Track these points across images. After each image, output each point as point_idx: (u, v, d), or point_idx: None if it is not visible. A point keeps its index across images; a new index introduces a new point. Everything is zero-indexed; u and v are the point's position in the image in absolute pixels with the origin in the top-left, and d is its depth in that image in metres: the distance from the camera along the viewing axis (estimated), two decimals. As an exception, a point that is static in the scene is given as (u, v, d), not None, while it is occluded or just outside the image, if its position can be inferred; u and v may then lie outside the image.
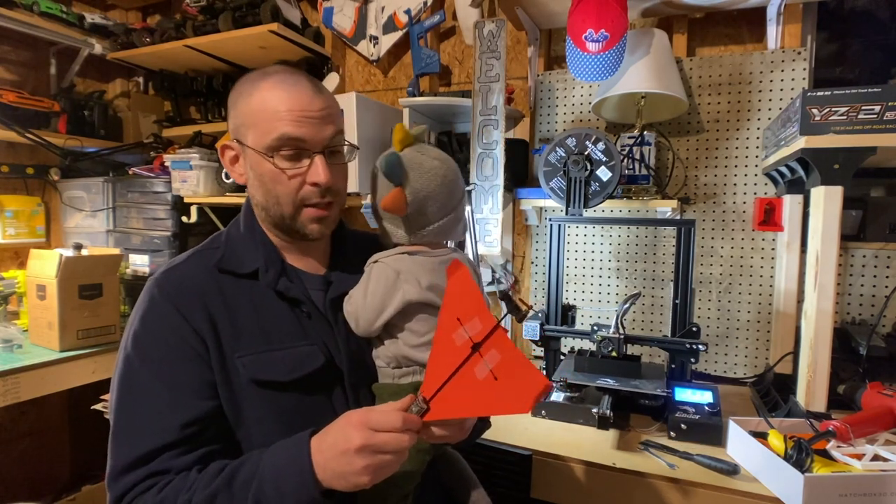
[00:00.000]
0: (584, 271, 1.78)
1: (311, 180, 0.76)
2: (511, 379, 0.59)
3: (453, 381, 0.62)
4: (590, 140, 1.40)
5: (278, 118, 0.74)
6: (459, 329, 0.63)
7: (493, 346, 0.61)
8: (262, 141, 0.75)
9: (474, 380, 0.61)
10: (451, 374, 0.62)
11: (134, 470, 0.68)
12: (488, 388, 0.60)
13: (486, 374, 0.60)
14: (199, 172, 1.96)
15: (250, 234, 0.83)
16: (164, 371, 0.72)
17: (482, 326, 0.62)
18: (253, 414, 0.74)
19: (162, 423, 0.69)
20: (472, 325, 0.63)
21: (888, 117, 1.05)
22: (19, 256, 2.29)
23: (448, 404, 0.63)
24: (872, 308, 1.47)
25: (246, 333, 0.76)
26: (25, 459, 2.24)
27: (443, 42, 2.06)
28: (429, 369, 0.65)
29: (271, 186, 0.77)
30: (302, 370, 0.76)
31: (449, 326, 0.65)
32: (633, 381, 1.27)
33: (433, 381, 0.63)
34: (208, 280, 0.77)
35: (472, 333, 0.62)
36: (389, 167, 0.76)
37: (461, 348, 0.63)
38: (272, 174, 0.76)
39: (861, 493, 0.89)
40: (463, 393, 0.62)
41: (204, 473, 0.67)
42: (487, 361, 0.61)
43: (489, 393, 0.60)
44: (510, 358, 0.60)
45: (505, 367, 0.60)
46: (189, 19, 2.11)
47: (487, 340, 0.61)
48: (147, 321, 0.75)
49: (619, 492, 1.07)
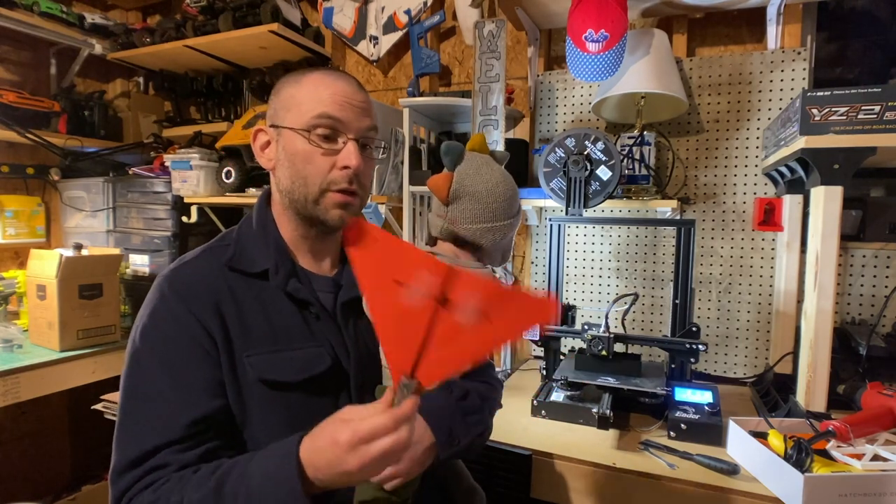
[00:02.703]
0: (584, 271, 1.78)
1: (342, 163, 0.76)
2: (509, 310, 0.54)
3: (434, 343, 0.55)
4: (589, 140, 1.40)
5: (321, 99, 0.77)
6: (403, 290, 0.56)
7: (463, 291, 0.55)
8: (300, 120, 0.77)
9: (460, 329, 0.55)
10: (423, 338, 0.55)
11: (137, 467, 0.68)
12: (485, 329, 0.54)
13: (472, 318, 0.54)
14: (199, 172, 1.96)
15: (262, 232, 0.83)
16: (173, 368, 0.72)
17: (436, 277, 0.55)
18: (259, 414, 0.74)
19: (169, 421, 0.69)
20: (420, 281, 0.56)
21: (888, 117, 1.05)
22: (19, 256, 2.29)
23: (441, 365, 0.56)
24: (872, 308, 1.47)
25: (254, 333, 0.76)
26: (25, 459, 2.24)
27: (443, 42, 2.06)
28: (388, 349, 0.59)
29: (301, 166, 0.77)
30: (309, 371, 0.76)
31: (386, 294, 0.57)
32: (633, 380, 1.27)
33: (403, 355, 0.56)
34: (219, 278, 0.77)
35: (426, 289, 0.55)
36: (448, 148, 0.78)
37: (421, 309, 0.55)
38: (305, 153, 0.76)
39: (861, 493, 0.89)
40: (454, 347, 0.55)
41: (196, 475, 0.66)
42: (466, 307, 0.54)
43: (489, 332, 0.54)
44: (494, 292, 0.54)
45: (493, 303, 0.54)
46: (189, 19, 2.12)
47: (450, 288, 0.55)
48: (157, 318, 0.75)
49: (619, 492, 1.07)
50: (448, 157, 0.77)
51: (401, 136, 1.75)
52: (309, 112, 0.76)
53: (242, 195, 1.95)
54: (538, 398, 1.33)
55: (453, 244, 0.82)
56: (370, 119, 0.80)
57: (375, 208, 1.72)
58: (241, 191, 1.96)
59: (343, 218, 0.79)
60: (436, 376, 0.57)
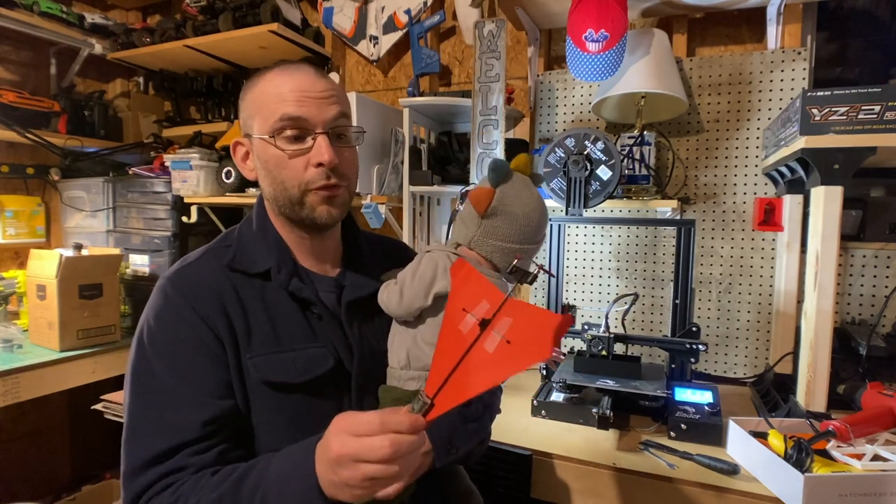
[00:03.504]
0: (584, 271, 1.78)
1: (314, 161, 0.75)
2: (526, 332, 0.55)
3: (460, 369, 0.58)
4: (589, 140, 1.40)
5: (281, 100, 0.74)
6: (466, 317, 0.60)
7: (503, 316, 0.57)
8: (265, 126, 0.75)
9: (484, 355, 0.57)
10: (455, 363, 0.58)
11: (152, 468, 0.67)
12: (502, 355, 0.56)
13: (497, 342, 0.57)
14: (199, 172, 1.96)
15: (262, 233, 0.82)
16: (183, 369, 0.71)
17: (490, 305, 0.59)
18: (262, 415, 0.74)
19: (182, 421, 0.69)
20: (478, 309, 0.59)
21: (888, 117, 1.05)
22: (19, 256, 2.29)
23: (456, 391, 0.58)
24: (872, 308, 1.47)
25: (257, 334, 0.75)
26: (25, 459, 2.24)
27: (443, 42, 2.06)
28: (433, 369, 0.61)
29: (276, 172, 0.76)
30: (312, 372, 0.76)
31: (454, 319, 0.61)
32: (633, 382, 1.27)
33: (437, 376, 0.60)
34: (221, 279, 0.77)
35: (479, 315, 0.59)
36: (496, 165, 0.79)
37: (468, 334, 0.59)
38: (276, 158, 0.75)
39: (861, 493, 0.89)
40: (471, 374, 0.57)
41: (215, 476, 0.66)
42: (498, 331, 0.56)
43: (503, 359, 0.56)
44: (522, 314, 0.56)
45: (518, 326, 0.56)
46: (189, 19, 2.12)
47: (498, 314, 0.57)
48: (163, 319, 0.74)
49: (619, 492, 1.07)
50: (495, 173, 0.78)
51: (401, 136, 1.75)
52: (271, 116, 0.74)
53: (242, 195, 1.95)
54: (538, 398, 1.33)
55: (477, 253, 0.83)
56: (337, 106, 0.77)
57: (375, 208, 1.72)
58: (241, 191, 1.96)
59: (331, 213, 0.78)
60: (449, 402, 0.58)
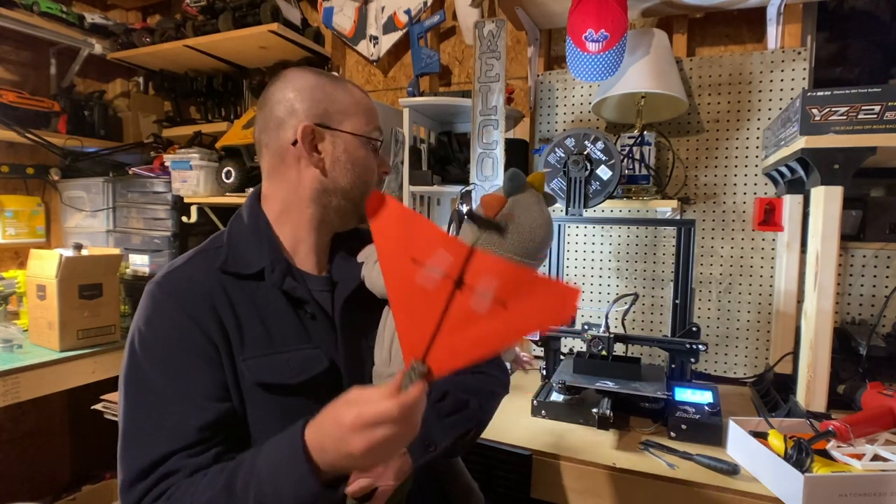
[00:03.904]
0: (584, 271, 1.78)
1: (384, 169, 0.88)
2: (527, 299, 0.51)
3: (448, 328, 0.53)
4: (589, 140, 1.40)
5: (373, 114, 0.86)
6: (421, 270, 0.54)
7: (481, 274, 0.52)
8: (363, 129, 0.83)
9: (474, 316, 0.52)
10: (437, 321, 0.53)
11: (149, 476, 0.66)
12: (499, 317, 0.51)
13: (487, 304, 0.52)
14: (199, 172, 1.96)
15: (255, 231, 0.82)
16: (178, 374, 0.71)
17: (453, 257, 0.53)
18: (257, 416, 0.74)
19: (178, 427, 0.68)
20: (437, 261, 0.53)
21: (888, 117, 1.05)
22: (19, 256, 2.29)
23: (452, 354, 0.54)
24: (872, 308, 1.47)
25: (249, 335, 0.75)
26: (25, 459, 2.24)
27: (443, 42, 2.06)
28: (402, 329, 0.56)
29: (363, 171, 0.84)
30: (307, 373, 0.76)
31: (402, 270, 0.55)
32: (632, 384, 1.26)
33: (417, 338, 0.54)
34: (212, 280, 0.76)
35: (444, 269, 0.53)
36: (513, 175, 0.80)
37: (437, 290, 0.53)
38: (366, 159, 0.84)
39: (861, 493, 0.89)
40: (466, 335, 0.53)
41: (206, 477, 0.65)
42: (482, 291, 0.52)
43: (503, 322, 0.51)
44: (515, 277, 0.51)
45: (512, 290, 0.51)
46: (189, 19, 2.12)
47: (469, 270, 0.52)
48: (154, 324, 0.73)
49: (619, 492, 1.07)
50: (511, 183, 0.79)
51: (401, 136, 1.75)
52: (369, 123, 0.84)
53: (242, 195, 1.95)
54: (538, 398, 1.33)
55: None
56: None
57: (375, 208, 1.72)
58: (240, 191, 1.96)
59: None
60: (447, 365, 0.55)
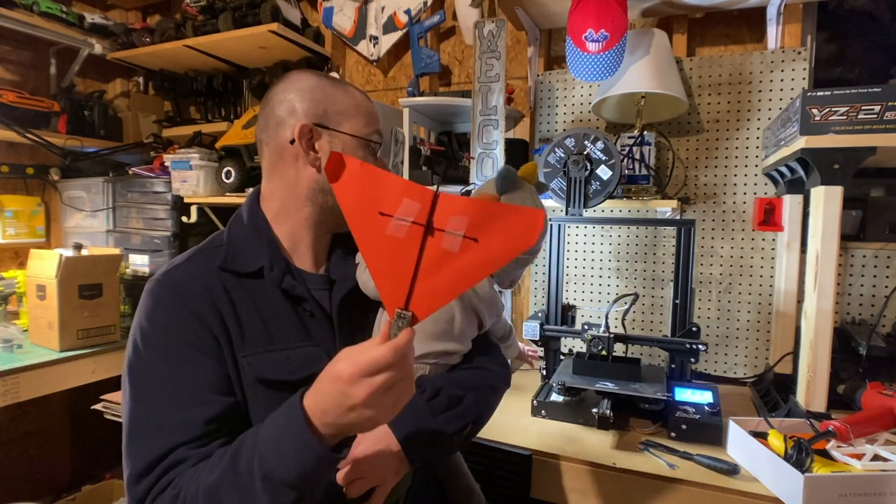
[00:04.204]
0: (584, 271, 1.78)
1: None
2: (496, 229, 0.53)
3: (424, 272, 0.55)
4: (589, 140, 1.40)
5: (373, 117, 0.87)
6: (391, 221, 0.55)
7: (448, 215, 0.53)
8: (362, 130, 0.84)
9: (448, 255, 0.54)
10: (413, 268, 0.55)
11: (155, 468, 0.67)
12: (472, 252, 0.53)
13: (459, 242, 0.54)
14: (199, 172, 1.96)
15: (254, 230, 0.83)
16: (181, 368, 0.71)
17: (420, 204, 0.54)
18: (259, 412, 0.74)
19: (184, 420, 0.69)
20: (404, 210, 0.54)
21: (888, 117, 1.05)
22: (19, 256, 2.29)
23: (433, 295, 0.55)
24: (872, 308, 1.47)
25: (249, 332, 0.76)
26: (25, 459, 2.24)
27: (443, 42, 2.06)
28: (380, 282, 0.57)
29: None
30: (307, 370, 0.76)
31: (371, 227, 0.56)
32: (632, 385, 1.26)
33: (396, 287, 0.56)
34: (212, 278, 0.77)
35: (412, 216, 0.54)
36: (505, 173, 0.80)
37: (408, 238, 0.55)
38: (364, 158, 0.84)
39: (861, 493, 0.89)
40: (443, 275, 0.54)
41: (210, 459, 0.66)
42: (452, 231, 0.53)
43: (476, 256, 0.54)
44: (481, 211, 0.53)
45: (480, 224, 0.53)
46: (189, 19, 2.12)
47: (436, 213, 0.54)
48: (156, 320, 0.74)
49: (619, 492, 1.07)
50: (503, 181, 0.79)
51: (401, 136, 1.75)
52: (370, 125, 0.85)
53: (242, 195, 1.95)
54: (538, 398, 1.33)
55: None
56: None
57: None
58: (240, 191, 1.96)
59: None
60: (430, 306, 0.56)
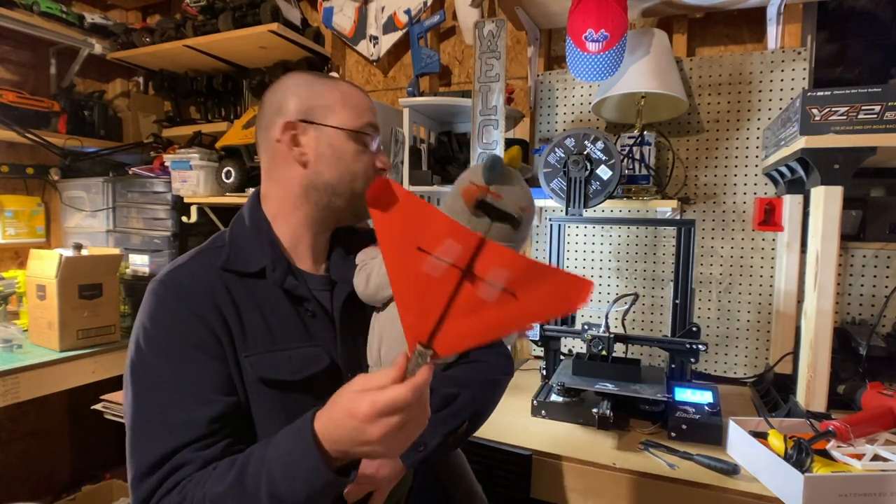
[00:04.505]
0: (585, 271, 1.78)
1: (380, 165, 0.87)
2: (538, 289, 0.51)
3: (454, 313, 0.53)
4: (589, 140, 1.40)
5: (364, 107, 0.86)
6: (428, 259, 0.53)
7: (491, 265, 0.52)
8: (351, 122, 0.83)
9: (482, 303, 0.52)
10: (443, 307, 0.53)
11: (159, 469, 0.67)
12: (508, 306, 0.52)
13: (496, 294, 0.52)
14: (199, 172, 1.96)
15: (256, 231, 0.83)
16: (185, 367, 0.71)
17: (462, 247, 0.52)
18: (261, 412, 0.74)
19: (188, 420, 0.69)
20: (445, 251, 0.53)
21: (888, 117, 1.05)
22: (19, 256, 2.29)
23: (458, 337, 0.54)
24: (872, 308, 1.47)
25: (251, 332, 0.76)
26: (25, 459, 2.24)
27: (443, 42, 2.06)
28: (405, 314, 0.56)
29: (352, 163, 0.83)
30: (309, 370, 0.76)
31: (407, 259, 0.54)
32: (632, 386, 1.26)
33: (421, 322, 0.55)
34: (214, 278, 0.77)
35: (452, 259, 0.53)
36: (493, 163, 0.79)
37: (443, 279, 0.53)
38: (355, 152, 0.83)
39: (861, 493, 0.89)
40: (472, 320, 0.53)
41: (216, 470, 0.66)
42: (492, 282, 0.52)
43: (512, 310, 0.52)
44: (527, 269, 0.51)
45: (523, 281, 0.51)
46: (189, 19, 2.12)
47: (478, 260, 0.52)
48: (158, 320, 0.74)
49: (619, 492, 1.07)
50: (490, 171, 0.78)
51: (401, 136, 1.75)
52: (359, 117, 0.84)
53: (242, 195, 1.95)
54: (538, 398, 1.32)
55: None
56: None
57: (375, 208, 1.72)
58: (241, 191, 1.96)
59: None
60: (453, 347, 0.55)
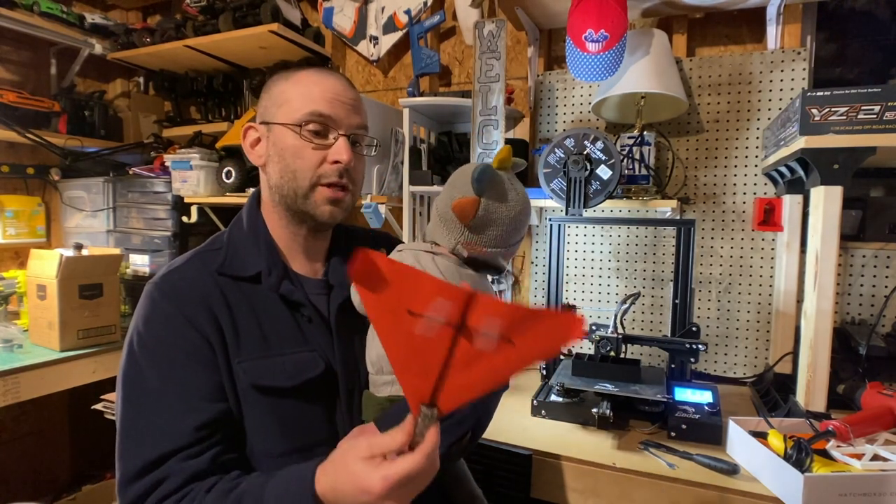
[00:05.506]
0: (584, 271, 1.78)
1: (332, 158, 0.78)
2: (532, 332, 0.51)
3: (454, 370, 0.54)
4: (589, 140, 1.40)
5: (311, 97, 0.78)
6: (420, 320, 0.54)
7: (483, 316, 0.52)
8: (292, 116, 0.78)
9: (480, 355, 0.53)
10: (441, 365, 0.54)
11: (146, 475, 0.67)
12: (505, 353, 0.52)
13: (492, 343, 0.52)
14: (200, 172, 1.96)
15: (253, 234, 0.82)
16: (174, 374, 0.71)
17: (452, 303, 0.53)
18: (254, 419, 0.74)
19: (174, 427, 0.68)
20: (436, 310, 0.53)
21: (888, 117, 1.05)
22: (20, 256, 2.29)
23: (461, 391, 0.55)
24: (872, 308, 1.47)
25: (245, 338, 0.75)
26: (26, 459, 2.24)
27: (443, 42, 2.06)
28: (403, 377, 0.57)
29: (291, 160, 0.78)
30: (302, 376, 0.76)
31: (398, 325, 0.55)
32: (632, 386, 1.26)
33: (421, 383, 0.55)
34: (209, 282, 0.77)
35: (444, 317, 0.53)
36: (481, 174, 0.76)
37: (438, 338, 0.54)
38: (295, 148, 0.78)
39: (861, 493, 0.89)
40: (472, 372, 0.54)
41: (210, 493, 0.65)
42: (487, 332, 0.52)
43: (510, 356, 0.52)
44: (518, 315, 0.52)
45: (516, 326, 0.52)
46: (189, 19, 2.12)
47: (470, 313, 0.53)
48: (151, 324, 0.74)
49: (619, 492, 1.07)
50: (479, 184, 0.76)
51: (401, 136, 1.75)
52: (301, 109, 0.78)
53: (242, 195, 1.95)
54: (538, 398, 1.32)
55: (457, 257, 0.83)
56: (360, 117, 0.82)
57: (375, 208, 1.72)
58: (241, 191, 1.96)
59: (334, 214, 0.80)
60: (456, 401, 0.55)
